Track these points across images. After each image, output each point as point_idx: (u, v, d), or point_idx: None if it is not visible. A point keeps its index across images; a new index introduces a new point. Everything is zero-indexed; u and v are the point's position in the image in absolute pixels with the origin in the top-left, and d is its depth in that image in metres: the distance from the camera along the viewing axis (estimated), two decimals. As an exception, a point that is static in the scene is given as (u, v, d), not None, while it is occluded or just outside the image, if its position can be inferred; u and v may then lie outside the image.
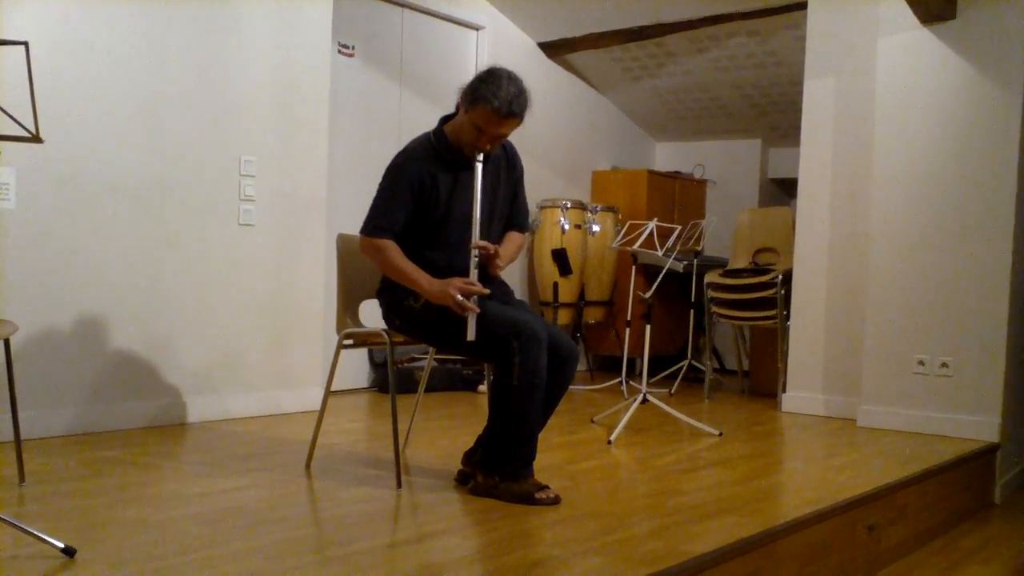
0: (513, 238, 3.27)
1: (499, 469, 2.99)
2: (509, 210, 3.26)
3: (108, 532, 2.51)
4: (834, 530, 3.10)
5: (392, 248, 3.05)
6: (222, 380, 4.38)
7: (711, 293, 5.77)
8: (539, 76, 6.66)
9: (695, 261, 6.13)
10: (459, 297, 2.91)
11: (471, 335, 2.90)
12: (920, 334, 4.69)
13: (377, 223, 3.07)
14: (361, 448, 3.87)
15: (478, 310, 2.91)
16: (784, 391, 5.38)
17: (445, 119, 3.18)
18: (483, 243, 3.03)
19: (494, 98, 2.92)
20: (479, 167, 3.04)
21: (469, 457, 3.21)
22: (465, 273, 3.00)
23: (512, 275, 6.45)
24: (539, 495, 2.94)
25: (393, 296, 3.15)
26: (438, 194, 3.07)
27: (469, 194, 3.06)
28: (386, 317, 3.22)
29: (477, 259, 3.00)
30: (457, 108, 3.10)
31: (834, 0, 5.20)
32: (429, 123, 5.33)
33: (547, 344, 2.94)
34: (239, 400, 4.44)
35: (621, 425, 4.20)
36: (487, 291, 2.98)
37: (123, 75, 3.98)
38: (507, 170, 3.22)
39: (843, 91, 5.18)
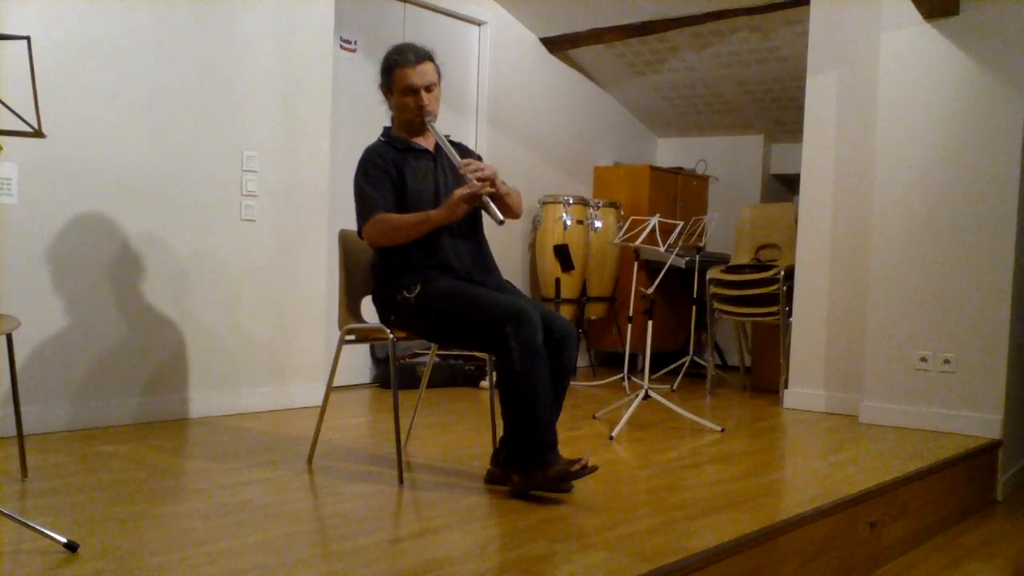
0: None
1: (531, 463, 2.93)
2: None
3: (110, 527, 2.51)
4: (835, 526, 3.10)
5: (388, 215, 3.12)
6: (224, 375, 4.38)
7: (713, 289, 5.76)
8: (541, 71, 6.66)
9: (697, 257, 6.13)
10: (468, 190, 3.02)
11: (498, 215, 3.04)
12: (922, 330, 4.68)
13: (368, 208, 3.15)
14: (363, 444, 3.87)
15: (492, 188, 3.05)
16: (786, 387, 5.38)
17: (388, 128, 3.36)
18: (466, 159, 3.15)
19: (400, 55, 3.19)
20: (434, 125, 3.21)
21: (496, 458, 3.17)
22: (448, 253, 3.14)
23: (514, 270, 6.45)
24: (575, 468, 2.89)
25: (388, 293, 3.17)
26: (403, 181, 3.19)
27: (425, 180, 3.22)
28: (382, 316, 3.23)
29: (470, 173, 3.08)
30: (390, 107, 3.31)
31: (837, -4, 5.20)
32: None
33: (542, 325, 2.95)
34: (241, 395, 4.44)
35: (623, 421, 4.20)
36: (490, 188, 3.06)
37: (125, 70, 3.98)
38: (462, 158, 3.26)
39: (845, 87, 5.17)
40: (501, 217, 3.05)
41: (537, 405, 2.93)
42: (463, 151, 3.34)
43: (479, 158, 3.39)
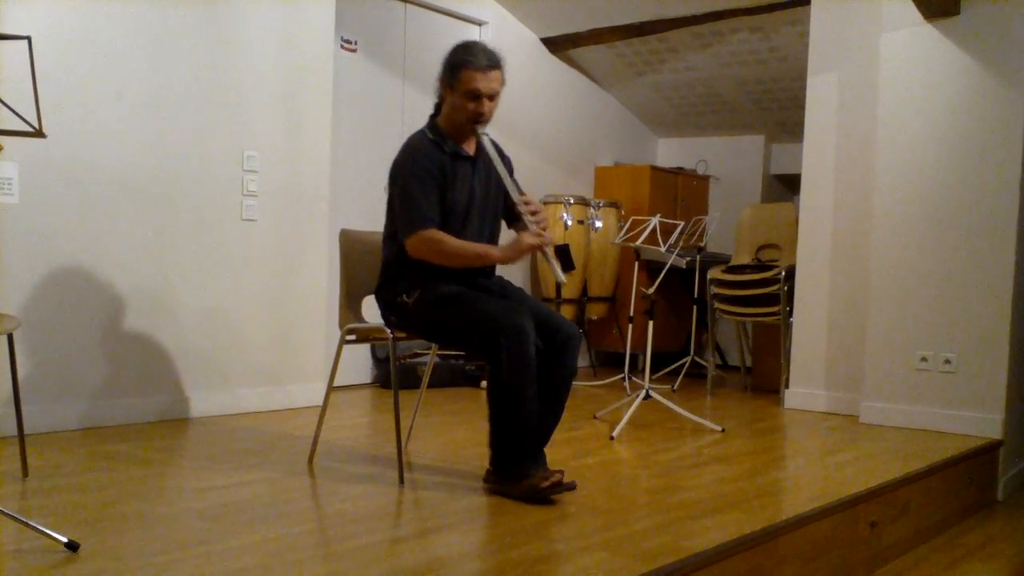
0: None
1: (510, 472, 2.96)
2: (504, 204, 3.25)
3: (111, 527, 2.51)
4: (836, 526, 3.10)
5: (442, 234, 3.02)
6: (225, 375, 4.38)
7: (714, 289, 5.76)
8: (542, 71, 6.66)
9: (698, 257, 6.13)
10: (535, 240, 2.98)
11: (560, 274, 3.01)
12: (923, 330, 4.68)
13: (418, 217, 3.02)
14: (363, 444, 3.87)
15: (552, 242, 3.02)
16: (787, 387, 5.38)
17: (434, 116, 3.21)
18: (525, 197, 3.07)
19: (472, 56, 3.05)
20: (485, 139, 3.08)
21: None
22: None
23: (515, 270, 6.45)
24: (546, 485, 2.88)
25: (388, 294, 3.16)
26: (445, 189, 3.07)
27: (462, 189, 3.11)
28: (384, 316, 3.22)
29: (529, 214, 3.03)
30: (440, 100, 3.17)
31: (838, -4, 5.20)
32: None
33: (541, 330, 2.96)
34: (242, 395, 4.44)
35: (624, 421, 4.20)
36: (552, 238, 3.04)
37: (126, 70, 3.98)
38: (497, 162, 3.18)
39: (846, 87, 5.17)
40: (563, 277, 2.97)
41: (520, 418, 2.94)
42: (497, 151, 3.21)
43: (510, 161, 3.29)
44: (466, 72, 3.03)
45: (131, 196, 4.02)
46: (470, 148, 3.18)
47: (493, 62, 3.06)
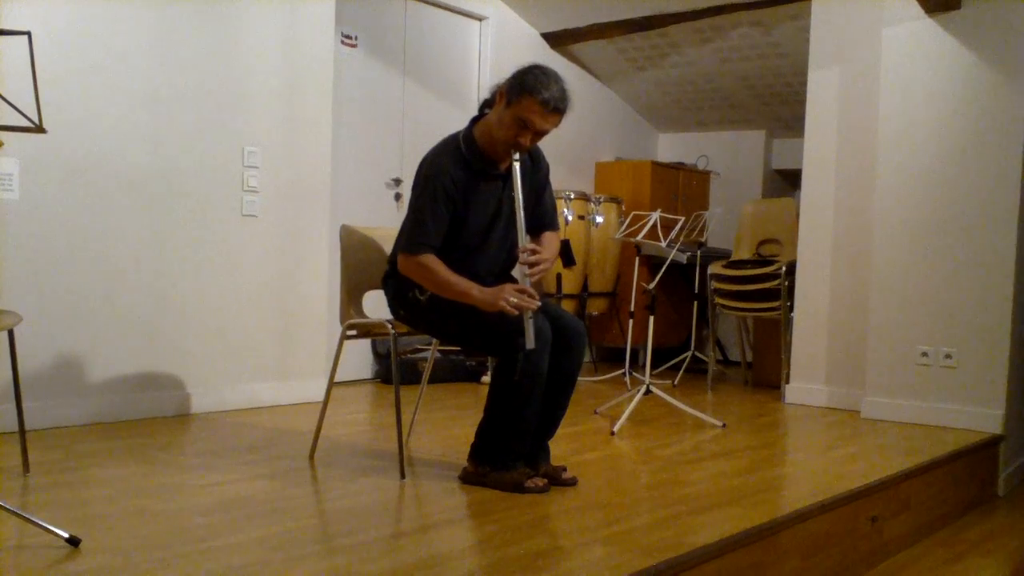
0: (550, 238, 3.19)
1: (490, 459, 3.01)
2: (532, 214, 3.15)
3: (112, 522, 2.52)
4: (837, 521, 3.11)
5: (435, 262, 2.94)
6: (225, 371, 4.38)
7: (714, 284, 5.76)
8: (542, 67, 6.64)
9: (698, 252, 6.12)
10: (513, 299, 2.81)
11: (530, 343, 2.80)
12: (924, 325, 4.68)
13: (416, 239, 2.95)
14: (365, 439, 3.88)
15: (536, 306, 2.83)
16: (787, 382, 5.38)
17: (475, 120, 3.10)
18: (532, 246, 2.97)
19: (544, 89, 2.88)
20: (516, 166, 2.95)
21: None
22: (479, 274, 2.99)
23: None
24: (528, 483, 2.94)
25: (399, 286, 3.13)
26: (464, 202, 3.00)
27: (486, 208, 3.03)
28: (391, 307, 3.21)
29: (527, 264, 2.92)
30: (488, 105, 3.05)
31: (838, -10, 5.19)
32: (432, 114, 5.34)
33: (552, 330, 2.93)
34: (243, 391, 4.44)
35: (624, 416, 4.20)
36: (538, 303, 2.87)
37: (127, 65, 3.98)
38: (531, 174, 3.10)
39: (847, 82, 5.17)
40: (533, 345, 2.81)
41: (522, 417, 2.95)
42: (533, 159, 3.12)
43: (546, 171, 3.20)
44: (530, 100, 2.88)
45: (132, 191, 4.02)
46: (503, 164, 3.06)
47: (560, 107, 2.91)
